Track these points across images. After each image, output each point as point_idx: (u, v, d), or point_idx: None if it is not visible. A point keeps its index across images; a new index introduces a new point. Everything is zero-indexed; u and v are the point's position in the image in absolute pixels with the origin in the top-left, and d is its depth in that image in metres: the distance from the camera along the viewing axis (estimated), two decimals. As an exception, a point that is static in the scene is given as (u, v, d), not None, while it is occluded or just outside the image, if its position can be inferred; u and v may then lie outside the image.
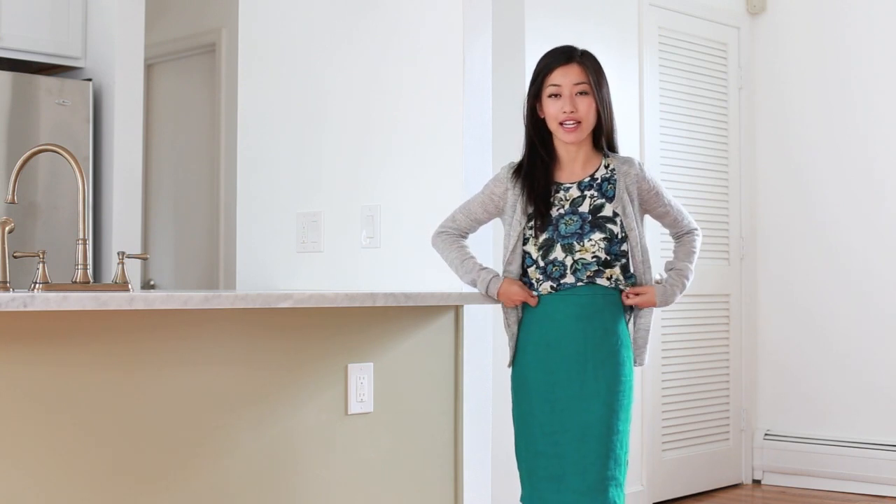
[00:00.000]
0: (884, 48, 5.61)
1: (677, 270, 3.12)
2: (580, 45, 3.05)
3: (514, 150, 3.17)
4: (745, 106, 5.90)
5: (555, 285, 2.97)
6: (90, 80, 4.69)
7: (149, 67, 5.88)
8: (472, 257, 3.12)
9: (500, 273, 3.05)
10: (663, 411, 5.37)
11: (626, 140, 5.04)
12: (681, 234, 3.17)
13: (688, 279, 3.12)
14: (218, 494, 2.89)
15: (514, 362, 3.04)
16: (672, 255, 3.18)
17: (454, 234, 3.15)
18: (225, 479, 2.90)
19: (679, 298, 3.12)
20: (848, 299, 5.67)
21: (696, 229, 3.17)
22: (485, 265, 3.11)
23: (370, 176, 3.73)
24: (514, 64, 4.52)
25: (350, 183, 3.79)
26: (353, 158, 3.79)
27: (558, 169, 3.03)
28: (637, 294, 3.01)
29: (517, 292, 3.00)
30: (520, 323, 3.04)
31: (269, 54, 4.11)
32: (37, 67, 4.77)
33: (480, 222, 3.16)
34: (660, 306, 3.04)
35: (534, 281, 3.00)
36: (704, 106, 5.67)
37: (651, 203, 3.07)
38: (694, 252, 3.14)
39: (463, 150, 3.48)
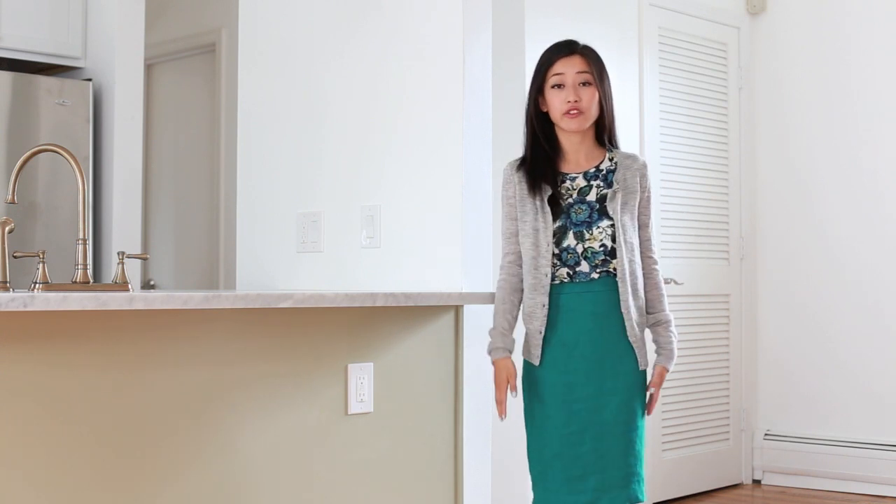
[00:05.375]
0: (883, 48, 5.60)
1: (663, 325, 3.05)
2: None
3: (515, 149, 3.17)
4: (745, 106, 5.90)
5: (571, 272, 2.96)
6: (90, 80, 4.68)
7: (149, 67, 5.88)
8: (507, 317, 3.05)
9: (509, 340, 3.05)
10: (663, 411, 5.36)
11: (627, 140, 5.02)
12: (644, 264, 3.05)
13: (672, 325, 3.05)
14: (218, 494, 2.89)
15: (526, 363, 3.02)
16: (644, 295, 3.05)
17: (511, 274, 3.05)
18: (225, 478, 2.90)
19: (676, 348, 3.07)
20: (848, 299, 5.66)
21: (655, 258, 3.08)
22: (508, 333, 3.05)
23: (370, 176, 3.73)
24: (514, 64, 4.51)
25: (350, 183, 3.79)
26: (353, 158, 3.78)
27: (563, 161, 3.03)
28: (657, 385, 3.03)
29: (506, 377, 3.02)
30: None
31: (269, 54, 4.11)
32: (37, 67, 4.77)
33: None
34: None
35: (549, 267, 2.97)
36: (704, 106, 5.66)
37: (639, 207, 3.02)
38: (664, 294, 3.06)
39: (463, 150, 3.48)
